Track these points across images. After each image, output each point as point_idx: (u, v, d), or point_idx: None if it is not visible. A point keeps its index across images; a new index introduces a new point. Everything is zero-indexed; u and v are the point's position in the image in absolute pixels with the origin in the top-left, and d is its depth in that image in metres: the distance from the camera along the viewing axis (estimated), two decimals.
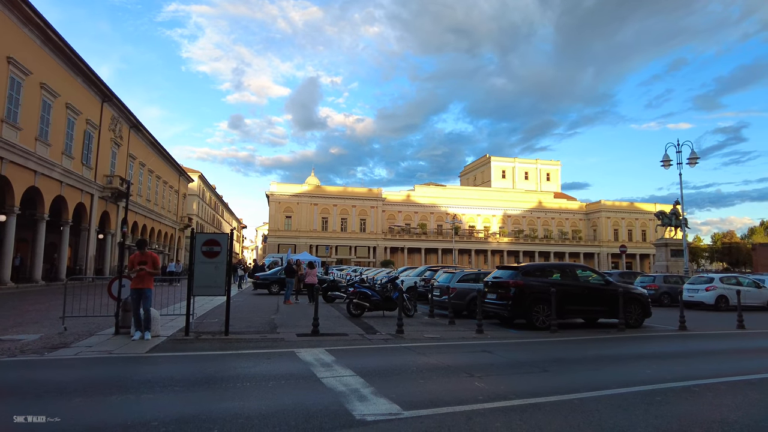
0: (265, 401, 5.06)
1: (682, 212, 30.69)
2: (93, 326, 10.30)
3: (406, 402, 5.05)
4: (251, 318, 13.28)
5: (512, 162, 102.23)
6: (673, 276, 25.15)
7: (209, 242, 9.70)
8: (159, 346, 8.38)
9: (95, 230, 33.26)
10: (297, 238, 73.09)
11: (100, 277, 29.63)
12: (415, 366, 7.16)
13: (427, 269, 23.06)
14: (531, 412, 4.89)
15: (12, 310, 13.70)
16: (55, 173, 26.47)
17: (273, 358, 7.61)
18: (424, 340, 9.85)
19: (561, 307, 11.94)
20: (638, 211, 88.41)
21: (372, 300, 14.10)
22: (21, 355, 7.41)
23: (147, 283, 9.00)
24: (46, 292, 21.84)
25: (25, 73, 22.92)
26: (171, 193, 55.02)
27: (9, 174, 22.19)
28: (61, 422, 4.29)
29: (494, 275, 13.55)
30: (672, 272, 30.69)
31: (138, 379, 6.10)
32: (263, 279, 25.30)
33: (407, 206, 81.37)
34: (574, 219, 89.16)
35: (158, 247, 48.96)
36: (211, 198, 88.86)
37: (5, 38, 21.42)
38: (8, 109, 21.86)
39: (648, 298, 13.56)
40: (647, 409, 5.05)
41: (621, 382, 6.25)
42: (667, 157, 26.07)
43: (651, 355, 9.04)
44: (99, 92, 32.26)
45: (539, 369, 7.24)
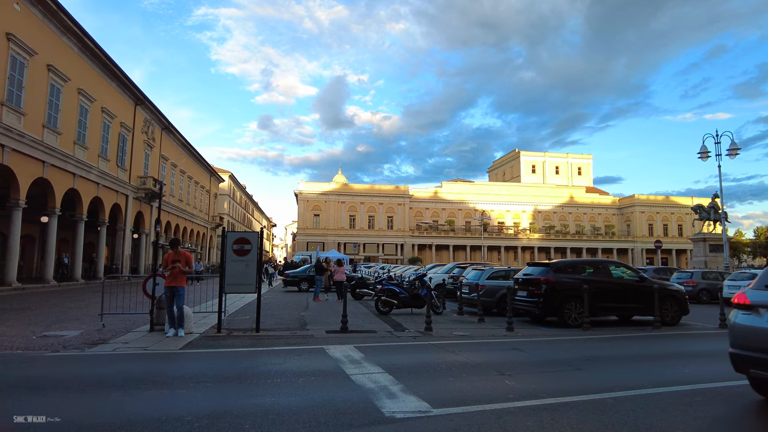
0: (295, 397, 5.11)
1: (721, 205, 29.54)
2: (129, 323, 10.64)
3: (435, 400, 5.01)
4: (281, 315, 13.47)
5: (542, 156, 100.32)
6: (712, 272, 24.25)
7: (240, 241, 9.87)
8: (192, 343, 8.58)
9: (130, 230, 34.35)
10: (325, 235, 73.71)
11: (135, 275, 30.57)
12: (445, 364, 7.11)
13: (455, 266, 22.89)
14: (563, 411, 4.78)
15: (55, 307, 14.29)
16: (93, 175, 27.44)
17: (303, 355, 7.69)
18: (453, 338, 9.78)
19: (594, 304, 11.66)
20: (674, 205, 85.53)
21: (400, 297, 14.09)
22: (63, 351, 7.72)
23: (180, 281, 9.22)
24: (85, 290, 22.67)
25: (64, 80, 23.80)
26: (202, 192, 56.28)
27: (50, 177, 23.12)
28: (102, 415, 4.44)
29: (525, 272, 13.34)
30: (711, 268, 29.59)
31: (172, 375, 6.26)
32: (293, 276, 25.66)
33: (435, 203, 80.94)
34: (606, 214, 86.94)
35: (191, 246, 50.18)
36: (242, 197, 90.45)
37: (46, 47, 22.29)
38: (48, 115, 22.76)
39: (685, 294, 13.10)
40: (686, 410, 4.87)
41: (657, 382, 6.04)
42: (704, 149, 25.10)
43: (689, 354, 8.74)
44: (132, 96, 33.24)
45: (571, 367, 7.09)
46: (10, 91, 19.93)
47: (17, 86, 20.36)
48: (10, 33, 19.60)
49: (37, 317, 11.94)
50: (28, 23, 21.14)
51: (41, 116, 22.24)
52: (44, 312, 13.11)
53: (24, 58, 20.69)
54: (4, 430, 4.09)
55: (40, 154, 22.04)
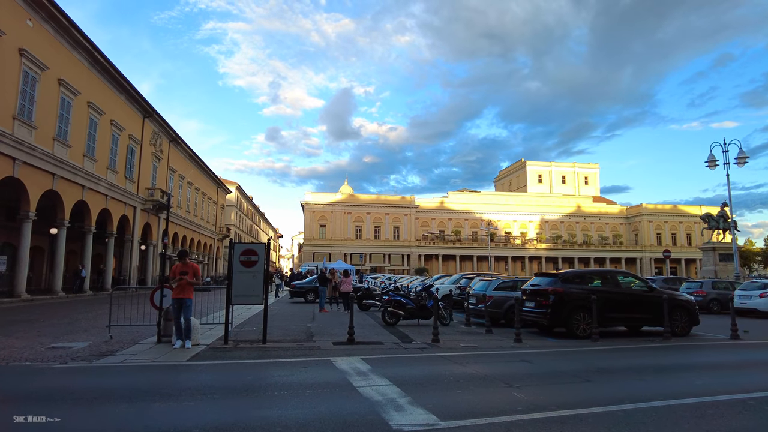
0: (302, 410, 5.09)
1: (730, 214, 29.28)
2: (137, 334, 10.65)
3: (443, 412, 4.97)
4: (288, 326, 13.44)
5: (548, 166, 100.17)
6: (722, 281, 23.98)
7: (247, 252, 9.89)
8: (199, 355, 8.58)
9: (138, 241, 34.53)
10: (331, 246, 73.73)
11: (143, 286, 30.68)
12: (452, 375, 7.06)
13: (462, 277, 22.79)
14: (572, 423, 4.73)
15: (63, 319, 14.35)
16: (101, 187, 27.69)
17: (309, 367, 7.66)
18: (461, 349, 9.71)
19: (602, 314, 11.56)
20: (682, 214, 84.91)
21: (407, 308, 14.03)
22: (72, 362, 7.74)
23: (187, 292, 9.23)
24: (93, 301, 22.76)
25: (74, 93, 24.14)
26: (210, 204, 56.58)
27: (60, 189, 23.35)
28: (109, 429, 4.44)
29: (532, 282, 13.26)
30: (721, 277, 29.26)
31: (179, 387, 6.26)
32: (299, 287, 25.64)
33: (441, 213, 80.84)
34: (614, 223, 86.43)
35: (198, 257, 50.34)
36: (249, 208, 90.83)
37: (57, 61, 22.64)
38: (59, 128, 23.05)
39: (695, 304, 12.94)
40: (698, 423, 4.80)
41: (668, 394, 5.96)
42: (712, 157, 24.98)
43: (700, 366, 8.62)
44: (140, 108, 33.62)
45: (580, 379, 7.01)
46: (22, 105, 20.22)
47: (29, 100, 20.66)
48: (22, 48, 19.94)
49: (45, 329, 11.99)
50: (40, 39, 21.50)
51: (52, 129, 22.53)
52: (53, 323, 13.17)
53: (36, 73, 21.02)
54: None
55: (50, 166, 22.29)
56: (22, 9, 20.17)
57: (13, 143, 19.54)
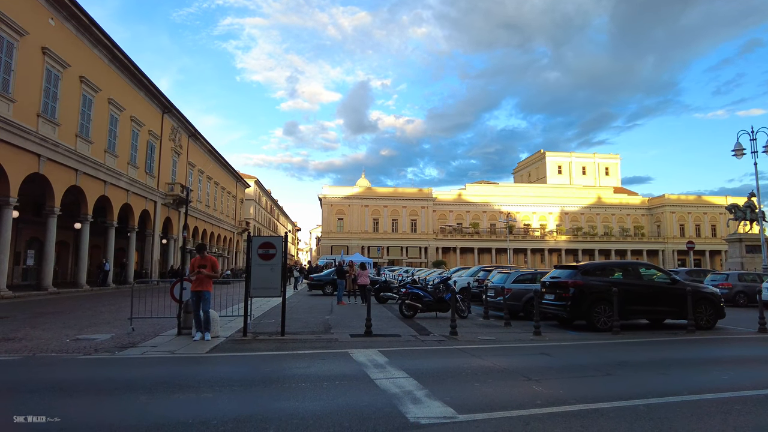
0: (319, 402, 5.10)
1: (758, 204, 28.46)
2: (158, 327, 10.84)
3: (460, 405, 4.93)
4: (306, 319, 13.53)
5: (568, 157, 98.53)
6: (749, 274, 23.33)
7: (265, 245, 9.95)
8: (218, 347, 8.68)
9: (159, 235, 35.12)
10: (349, 239, 74.01)
11: (164, 280, 31.20)
12: (470, 368, 7.01)
13: (480, 269, 22.64)
14: (593, 418, 4.64)
15: (88, 311, 14.69)
16: (122, 182, 28.19)
17: (327, 359, 7.69)
18: (479, 342, 9.64)
19: (623, 307, 11.34)
20: (706, 204, 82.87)
21: (424, 301, 13.99)
22: (95, 354, 7.91)
23: (206, 285, 9.32)
24: (116, 294, 23.25)
25: (95, 90, 24.55)
26: (229, 198, 57.21)
27: (83, 185, 23.84)
28: (130, 419, 4.51)
29: (552, 275, 13.08)
30: (748, 270, 28.50)
31: (198, 379, 6.33)
32: (317, 280, 25.80)
33: (459, 205, 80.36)
34: (635, 215, 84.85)
35: (217, 250, 51.02)
36: (267, 202, 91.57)
37: (78, 59, 23.03)
38: (81, 125, 23.49)
39: (720, 297, 12.62)
40: (725, 419, 4.66)
41: (693, 389, 5.82)
42: (739, 146, 24.28)
43: (726, 360, 8.41)
44: (160, 104, 34.05)
45: (601, 373, 6.88)
46: (46, 103, 20.64)
47: (52, 98, 21.07)
48: (45, 47, 20.32)
49: (70, 321, 12.29)
50: (63, 37, 21.88)
51: (74, 126, 22.97)
52: (77, 316, 13.49)
53: (58, 71, 21.41)
54: (21, 427, 4.20)
55: (73, 162, 22.75)
56: (44, 8, 20.53)
57: (37, 140, 19.97)
